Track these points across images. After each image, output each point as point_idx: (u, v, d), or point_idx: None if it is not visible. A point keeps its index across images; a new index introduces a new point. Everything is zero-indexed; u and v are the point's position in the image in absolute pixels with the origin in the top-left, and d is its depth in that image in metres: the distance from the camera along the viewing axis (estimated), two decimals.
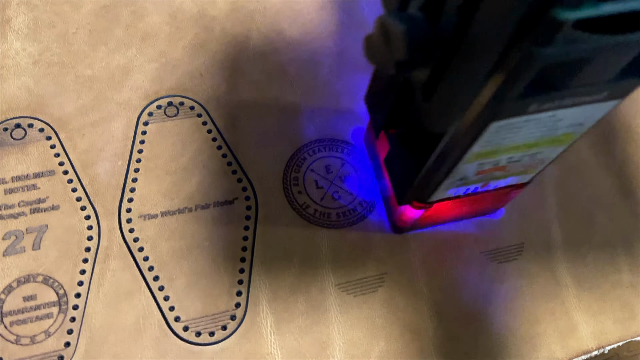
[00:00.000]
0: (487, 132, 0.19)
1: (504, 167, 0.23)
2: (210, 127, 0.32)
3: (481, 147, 0.20)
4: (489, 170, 0.23)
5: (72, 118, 0.31)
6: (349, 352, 0.28)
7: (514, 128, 0.19)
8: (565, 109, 0.19)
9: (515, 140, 0.21)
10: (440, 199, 0.26)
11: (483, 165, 0.22)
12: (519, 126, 0.19)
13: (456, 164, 0.22)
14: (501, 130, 0.19)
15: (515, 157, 0.22)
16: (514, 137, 0.20)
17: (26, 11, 0.34)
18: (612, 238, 0.32)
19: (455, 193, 0.25)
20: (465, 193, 0.26)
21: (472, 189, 0.25)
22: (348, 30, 0.36)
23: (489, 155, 0.21)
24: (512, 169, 0.24)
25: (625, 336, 0.30)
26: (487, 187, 0.25)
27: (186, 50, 0.34)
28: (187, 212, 0.30)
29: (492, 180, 0.25)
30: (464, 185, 0.24)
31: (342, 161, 0.32)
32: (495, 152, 0.21)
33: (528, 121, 0.19)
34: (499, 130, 0.19)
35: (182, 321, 0.28)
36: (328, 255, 0.30)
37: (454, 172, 0.22)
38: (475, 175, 0.23)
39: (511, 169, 0.24)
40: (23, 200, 0.29)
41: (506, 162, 0.23)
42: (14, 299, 0.27)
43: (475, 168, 0.23)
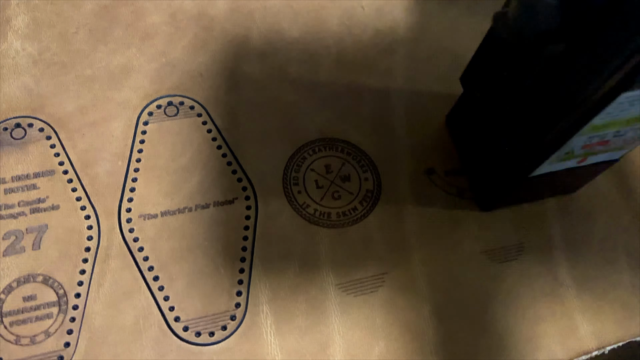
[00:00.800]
0: (615, 102, 0.21)
1: (608, 141, 0.24)
2: (210, 127, 0.32)
3: (601, 119, 0.22)
4: (594, 144, 0.24)
5: (72, 118, 0.31)
6: (349, 352, 0.28)
7: (636, 100, 0.21)
8: None
9: (632, 113, 0.22)
10: (541, 174, 0.27)
11: (592, 139, 0.24)
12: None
13: (572, 136, 0.23)
14: (626, 101, 0.21)
15: (622, 131, 0.24)
16: (631, 110, 0.22)
17: (26, 11, 0.34)
18: (612, 238, 0.32)
19: (556, 168, 0.26)
20: (563, 169, 0.26)
21: (570, 165, 0.26)
22: (348, 30, 0.36)
23: (603, 128, 0.23)
24: (613, 144, 0.25)
25: (625, 336, 0.30)
26: (583, 163, 0.26)
27: (186, 50, 0.34)
28: (187, 212, 0.30)
29: (591, 155, 0.26)
30: (566, 160, 0.25)
31: (343, 160, 0.32)
32: (609, 125, 0.23)
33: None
34: (624, 101, 0.21)
35: (182, 321, 0.28)
36: (328, 255, 0.30)
37: (566, 145, 0.24)
38: (581, 149, 0.25)
39: (612, 144, 0.25)
40: (23, 200, 0.29)
41: (612, 136, 0.24)
42: (14, 299, 0.27)
43: (584, 141, 0.24)
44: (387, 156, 0.33)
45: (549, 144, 0.24)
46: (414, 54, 0.36)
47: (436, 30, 0.37)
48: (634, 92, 0.20)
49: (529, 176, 0.27)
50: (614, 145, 0.25)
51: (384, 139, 0.33)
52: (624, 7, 0.19)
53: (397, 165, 0.32)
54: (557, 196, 0.32)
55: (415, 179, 0.32)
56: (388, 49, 0.36)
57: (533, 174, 0.27)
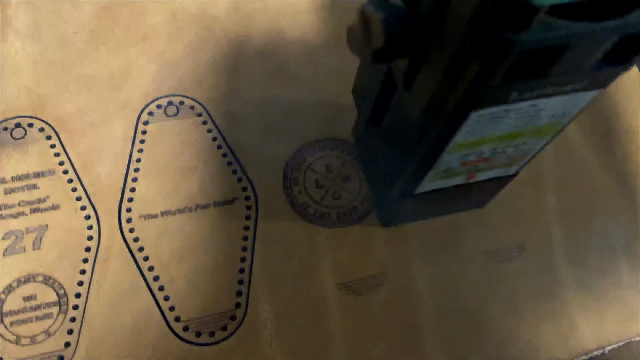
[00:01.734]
0: (468, 121, 0.19)
1: (488, 158, 0.23)
2: (210, 127, 0.32)
3: (463, 138, 0.20)
4: (474, 162, 0.23)
5: (73, 118, 0.31)
6: (349, 352, 0.28)
7: (495, 118, 0.19)
8: (546, 99, 0.19)
9: (498, 131, 0.21)
10: (427, 192, 0.26)
11: (467, 157, 0.22)
12: (500, 116, 0.19)
13: (439, 155, 0.22)
14: (482, 120, 0.19)
15: (499, 148, 0.22)
16: (496, 128, 0.20)
17: (26, 11, 0.34)
18: (612, 238, 0.32)
19: (441, 185, 0.25)
20: (450, 185, 0.25)
21: (458, 182, 0.25)
22: None
23: (472, 146, 0.21)
24: (497, 160, 0.24)
25: (625, 336, 0.30)
26: (473, 179, 0.25)
27: (186, 50, 0.34)
28: (187, 212, 0.30)
29: (477, 172, 0.24)
30: (449, 177, 0.24)
31: (343, 160, 0.32)
32: (478, 143, 0.21)
33: (509, 111, 0.19)
34: (479, 119, 0.19)
35: (182, 321, 0.28)
36: (328, 256, 0.30)
37: (438, 163, 0.22)
38: (460, 166, 0.23)
39: (496, 160, 0.24)
40: (23, 200, 0.29)
41: (490, 153, 0.23)
42: (14, 299, 0.27)
43: (459, 159, 0.22)
44: None
45: (415, 162, 0.23)
46: None
47: None
48: (485, 110, 0.19)
49: (415, 193, 0.26)
50: (499, 162, 0.24)
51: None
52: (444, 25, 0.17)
53: None
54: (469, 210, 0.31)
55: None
56: None
57: (418, 191, 0.25)
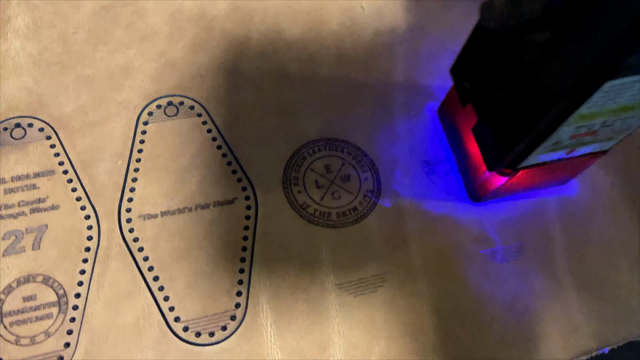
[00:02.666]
0: (599, 92, 0.20)
1: (596, 131, 0.24)
2: (210, 127, 0.32)
3: (587, 109, 0.22)
4: (582, 134, 0.24)
5: (72, 118, 0.31)
6: (349, 352, 0.28)
7: (622, 89, 0.21)
8: None
9: (617, 103, 0.22)
10: (529, 165, 0.27)
11: (579, 129, 0.24)
12: (626, 87, 0.21)
13: (558, 126, 0.23)
14: (611, 90, 0.21)
15: (609, 121, 0.24)
16: (618, 99, 0.22)
17: (26, 11, 0.34)
18: (612, 238, 0.32)
19: (544, 159, 0.26)
20: (551, 159, 0.26)
21: (559, 156, 0.26)
22: (348, 30, 0.36)
23: (590, 117, 0.23)
24: (601, 134, 0.25)
25: (626, 336, 0.30)
26: (572, 154, 0.26)
27: (186, 50, 0.34)
28: (187, 212, 0.30)
29: (579, 146, 0.26)
30: (554, 151, 0.25)
31: (343, 160, 0.32)
32: (595, 115, 0.23)
33: (636, 82, 0.21)
34: (609, 90, 0.21)
35: (182, 321, 0.28)
36: (328, 256, 0.30)
37: (553, 135, 0.24)
38: (569, 139, 0.24)
39: (600, 134, 0.25)
40: (23, 200, 0.29)
41: (600, 126, 0.24)
42: (13, 300, 0.27)
43: (571, 131, 0.24)
44: (387, 156, 0.33)
45: (536, 134, 0.24)
46: (413, 55, 0.36)
47: (436, 31, 0.37)
48: (618, 80, 0.20)
49: (518, 167, 0.27)
50: (602, 136, 0.25)
51: (384, 139, 0.33)
52: None
53: (397, 165, 0.32)
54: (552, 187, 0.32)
55: (416, 179, 0.32)
56: (388, 49, 0.36)
57: (521, 166, 0.26)
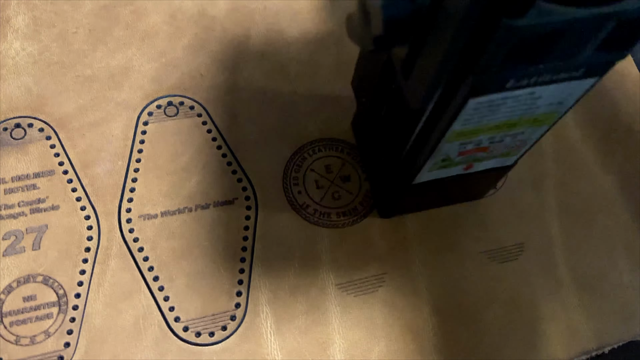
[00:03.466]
0: (466, 109, 0.19)
1: (486, 147, 0.23)
2: (210, 127, 0.32)
3: (461, 126, 0.21)
4: (471, 151, 0.23)
5: (72, 118, 0.31)
6: (349, 352, 0.28)
7: (493, 106, 0.20)
8: (543, 86, 0.19)
9: (495, 119, 0.21)
10: (425, 182, 0.26)
11: (465, 146, 0.22)
12: (497, 104, 0.19)
13: (437, 143, 0.22)
14: (480, 107, 0.19)
15: (496, 137, 0.22)
16: (494, 116, 0.20)
17: (26, 11, 0.34)
18: (612, 238, 0.32)
19: (440, 175, 0.25)
20: (449, 175, 0.26)
21: (456, 172, 0.25)
22: None
23: (470, 134, 0.22)
24: (495, 150, 0.24)
25: (625, 336, 0.30)
26: (471, 170, 0.25)
27: (186, 50, 0.34)
28: (187, 212, 0.30)
29: (475, 161, 0.25)
30: (447, 167, 0.24)
31: (343, 160, 0.32)
32: (476, 132, 0.21)
33: (507, 98, 0.19)
34: (478, 107, 0.19)
35: (182, 321, 0.28)
36: (328, 255, 0.30)
37: (436, 152, 0.22)
38: (458, 156, 0.23)
39: (494, 150, 0.24)
40: (23, 200, 0.29)
41: (488, 142, 0.23)
42: (13, 299, 0.27)
43: (457, 148, 0.23)
44: None
45: (414, 152, 0.23)
46: None
47: None
48: (484, 97, 0.19)
49: (413, 184, 0.26)
50: (497, 152, 0.24)
51: None
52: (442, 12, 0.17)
53: None
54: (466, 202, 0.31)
55: None
56: None
57: (417, 181, 0.25)
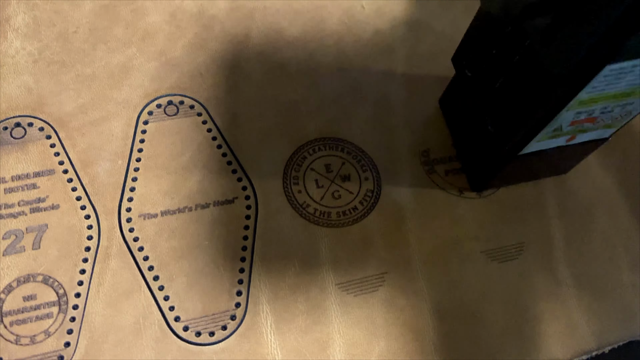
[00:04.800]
0: (599, 76, 0.21)
1: (595, 118, 0.25)
2: (210, 126, 0.32)
3: (587, 94, 0.22)
4: (582, 121, 0.25)
5: (72, 117, 0.31)
6: (349, 351, 0.28)
7: (621, 73, 0.21)
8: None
9: (617, 88, 0.22)
10: (530, 153, 0.27)
11: (579, 115, 0.24)
12: (626, 72, 0.21)
13: (559, 112, 0.23)
14: (611, 75, 0.21)
15: (609, 107, 0.24)
16: (617, 84, 0.22)
17: (26, 10, 0.34)
18: (612, 238, 0.32)
19: (544, 147, 0.27)
20: (552, 147, 0.27)
21: (559, 143, 0.27)
22: (348, 30, 0.36)
23: (589, 103, 0.23)
24: (602, 120, 0.25)
25: (625, 336, 0.30)
26: (572, 142, 0.27)
27: (186, 49, 0.34)
28: (187, 211, 0.30)
29: (580, 132, 0.26)
30: (554, 138, 0.26)
31: (343, 160, 0.32)
32: (595, 100, 0.23)
33: (636, 66, 0.21)
34: (609, 74, 0.21)
35: (182, 321, 0.28)
36: (328, 255, 0.30)
37: (553, 121, 0.24)
38: (569, 126, 0.25)
39: (600, 121, 0.25)
40: (23, 200, 0.29)
41: (599, 112, 0.24)
42: (13, 299, 0.27)
43: (571, 117, 0.24)
44: (387, 156, 0.33)
45: (537, 120, 0.25)
46: (414, 54, 0.36)
47: (436, 30, 0.37)
48: (618, 64, 0.20)
49: (519, 154, 0.27)
50: (602, 123, 0.25)
51: (384, 139, 0.33)
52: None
53: (397, 165, 0.32)
54: (552, 176, 0.33)
55: (416, 179, 0.32)
56: (388, 49, 0.36)
57: (522, 152, 0.27)
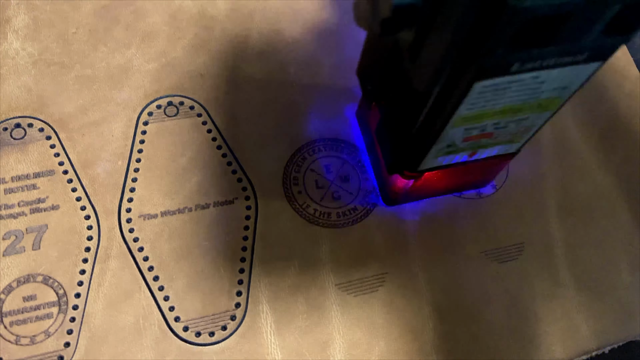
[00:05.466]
0: (471, 93, 0.19)
1: (491, 133, 0.23)
2: (210, 127, 0.32)
3: (467, 110, 0.21)
4: (476, 137, 0.23)
5: (72, 118, 0.31)
6: (349, 352, 0.28)
7: (498, 90, 0.20)
8: (548, 70, 0.19)
9: (500, 104, 0.21)
10: (430, 168, 0.26)
11: (470, 131, 0.23)
12: (503, 88, 0.20)
13: (443, 128, 0.22)
14: (485, 91, 0.20)
15: (501, 122, 0.23)
16: (499, 100, 0.21)
17: (26, 11, 0.34)
18: (612, 238, 0.32)
19: (445, 162, 0.26)
20: (454, 162, 0.26)
21: (461, 159, 0.26)
22: (348, 30, 0.36)
23: (475, 119, 0.22)
24: (499, 136, 0.24)
25: (625, 336, 0.30)
26: (475, 157, 0.26)
27: (186, 50, 0.34)
28: (187, 212, 0.30)
29: (480, 148, 0.25)
30: (452, 154, 0.25)
31: (342, 161, 0.32)
32: (481, 117, 0.22)
33: (512, 82, 0.19)
34: (483, 91, 0.20)
35: (182, 321, 0.28)
36: (328, 255, 0.30)
37: (442, 137, 0.23)
38: (463, 141, 0.24)
39: (498, 136, 0.24)
40: (23, 200, 0.29)
41: (492, 128, 0.23)
42: (13, 299, 0.27)
43: (462, 134, 0.23)
44: None
45: (420, 136, 0.24)
46: None
47: None
48: (489, 81, 0.19)
49: (418, 170, 0.26)
50: (501, 138, 0.24)
51: None
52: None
53: None
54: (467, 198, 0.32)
55: None
56: None
57: (421, 168, 0.26)
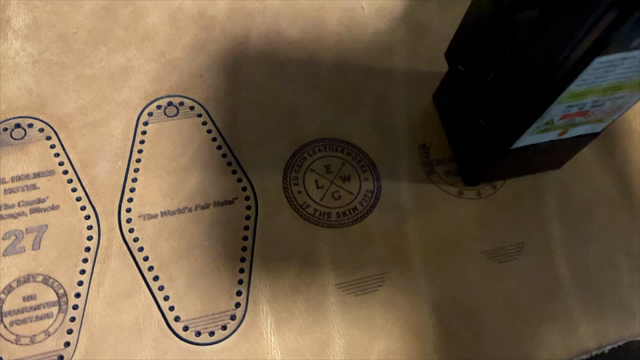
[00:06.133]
0: (588, 68, 0.21)
1: (587, 112, 0.25)
2: (210, 127, 0.32)
3: (577, 87, 0.22)
4: (573, 114, 0.25)
5: (72, 118, 0.31)
6: (349, 351, 0.28)
7: (611, 66, 0.21)
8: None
9: (607, 80, 0.23)
10: (522, 147, 0.27)
11: (570, 109, 0.24)
12: (616, 64, 0.21)
13: (550, 104, 0.23)
14: (600, 67, 0.21)
15: (600, 100, 0.24)
16: (608, 77, 0.22)
17: (26, 11, 0.34)
18: (612, 238, 0.32)
19: (536, 140, 0.27)
20: (544, 141, 0.27)
21: (551, 137, 0.27)
22: (348, 30, 0.36)
23: (580, 96, 0.23)
24: (593, 115, 0.25)
25: (625, 336, 0.30)
26: (564, 136, 0.27)
27: (186, 50, 0.34)
28: (187, 212, 0.30)
29: (571, 127, 0.26)
30: (546, 132, 0.26)
31: (343, 160, 0.32)
32: (585, 94, 0.23)
33: (625, 59, 0.21)
34: (598, 67, 0.21)
35: (182, 321, 0.28)
36: (328, 255, 0.30)
37: (544, 114, 0.24)
38: (560, 119, 0.25)
39: (591, 115, 0.25)
40: (23, 200, 0.29)
41: (590, 106, 0.24)
42: (13, 299, 0.27)
43: (562, 111, 0.24)
44: (387, 156, 0.33)
45: (528, 113, 0.25)
46: (414, 54, 0.36)
47: (436, 31, 0.37)
48: (606, 57, 0.21)
49: (510, 148, 0.27)
50: (593, 117, 0.26)
51: (384, 139, 0.33)
52: None
53: (397, 166, 0.32)
54: (545, 171, 0.33)
55: (415, 179, 0.32)
56: (388, 50, 0.36)
57: (514, 146, 0.27)
